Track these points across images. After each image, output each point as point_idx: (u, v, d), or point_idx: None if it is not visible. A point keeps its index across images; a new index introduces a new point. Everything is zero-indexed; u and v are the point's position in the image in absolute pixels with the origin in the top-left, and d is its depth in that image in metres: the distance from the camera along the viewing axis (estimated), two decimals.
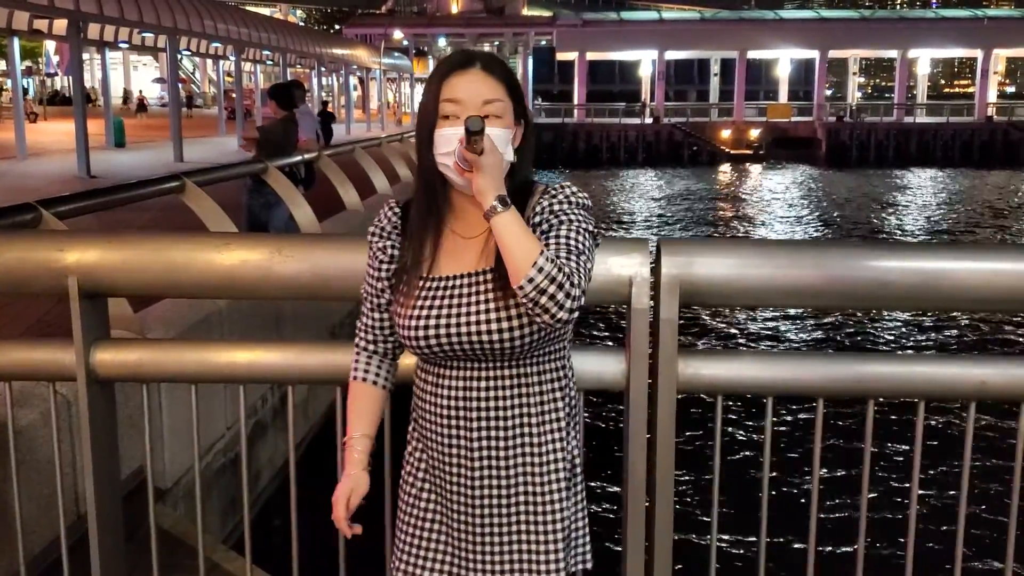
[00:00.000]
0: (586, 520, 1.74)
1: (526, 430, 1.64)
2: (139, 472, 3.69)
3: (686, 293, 1.93)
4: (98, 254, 2.09)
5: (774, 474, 7.12)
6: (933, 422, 8.25)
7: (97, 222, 5.67)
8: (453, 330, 1.59)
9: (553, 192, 1.64)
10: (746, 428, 8.45)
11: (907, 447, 7.71)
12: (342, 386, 2.14)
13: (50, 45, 35.52)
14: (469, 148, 1.51)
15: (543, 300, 1.46)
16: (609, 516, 5.95)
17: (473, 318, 1.58)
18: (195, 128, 28.23)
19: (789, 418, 8.64)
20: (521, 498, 1.65)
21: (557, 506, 1.65)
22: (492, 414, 1.63)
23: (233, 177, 7.05)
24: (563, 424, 1.67)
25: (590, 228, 1.61)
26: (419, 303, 1.63)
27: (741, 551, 5.89)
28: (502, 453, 1.64)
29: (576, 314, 1.50)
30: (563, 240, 1.56)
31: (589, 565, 1.74)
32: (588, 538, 1.74)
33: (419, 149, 1.65)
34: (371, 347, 1.77)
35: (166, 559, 2.37)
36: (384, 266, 1.71)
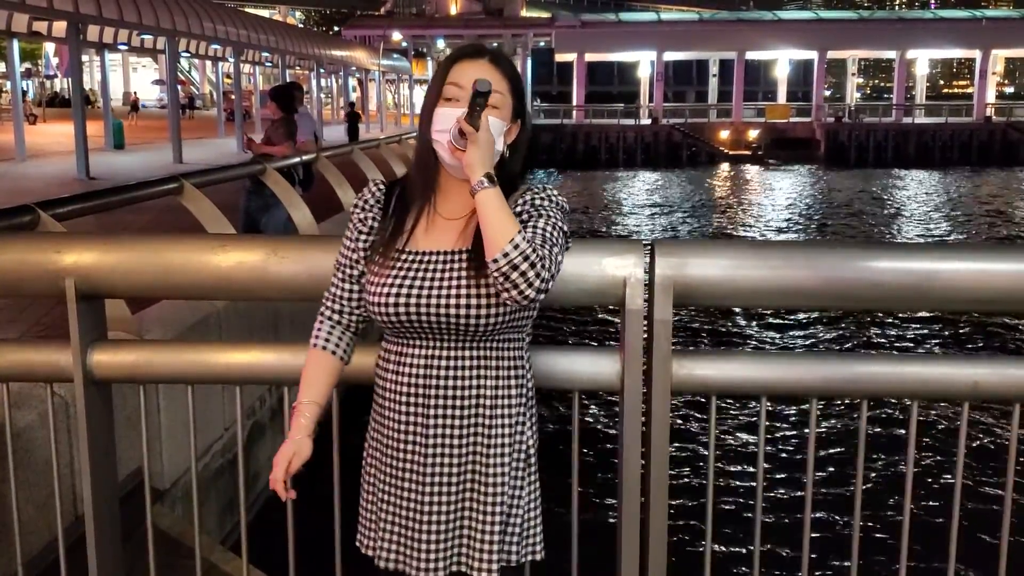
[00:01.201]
0: (539, 512, 1.79)
1: (481, 411, 1.70)
2: (137, 473, 3.69)
3: (680, 294, 1.94)
4: (95, 256, 2.10)
5: (768, 473, 7.13)
6: (926, 421, 8.26)
7: (96, 223, 5.68)
8: (424, 302, 1.64)
9: (536, 190, 1.73)
10: (740, 428, 8.46)
11: (902, 447, 7.72)
12: (337, 388, 2.15)
13: (49, 47, 35.55)
14: (468, 118, 1.59)
15: (514, 275, 1.53)
16: (604, 516, 5.95)
17: (444, 292, 1.64)
18: (195, 130, 28.23)
19: (783, 418, 8.65)
20: (469, 476, 1.71)
21: (499, 489, 1.70)
22: (450, 392, 1.69)
23: (231, 179, 7.06)
24: (515, 412, 1.73)
25: (564, 228, 1.70)
26: (393, 274, 1.69)
27: (736, 550, 5.89)
28: (456, 432, 1.69)
29: (543, 296, 1.57)
30: (539, 231, 1.64)
31: (540, 556, 1.79)
32: (540, 529, 1.79)
33: (420, 126, 1.73)
34: (336, 317, 1.82)
35: (164, 560, 2.38)
36: (363, 237, 1.77)
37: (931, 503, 6.60)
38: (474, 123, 1.59)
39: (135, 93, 44.81)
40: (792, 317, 13.00)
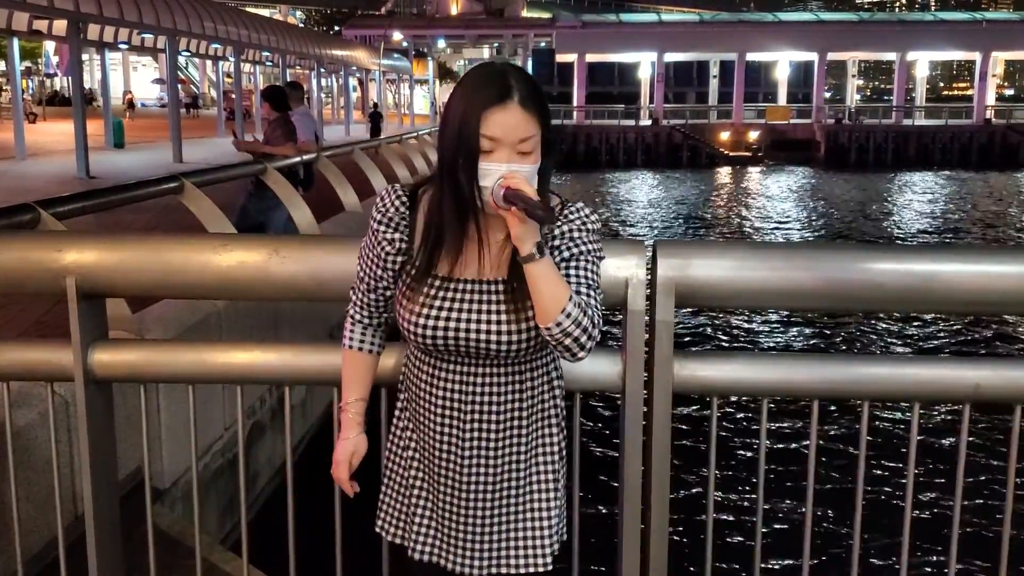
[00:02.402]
0: (563, 500, 1.84)
1: (516, 423, 1.73)
2: (137, 472, 3.69)
3: (682, 295, 1.94)
4: (96, 255, 2.10)
5: (769, 474, 7.13)
6: (928, 424, 8.26)
7: (96, 223, 5.68)
8: (462, 333, 1.65)
9: (569, 216, 1.69)
10: (742, 429, 8.46)
11: (902, 449, 7.71)
12: (339, 387, 2.15)
13: (50, 46, 35.51)
14: (522, 209, 1.53)
15: (567, 342, 1.58)
16: (605, 517, 5.95)
17: (484, 325, 1.65)
18: (197, 129, 28.24)
19: (784, 419, 8.65)
20: (512, 484, 1.75)
21: (546, 495, 1.77)
22: (486, 408, 1.71)
23: (232, 178, 7.05)
24: (551, 415, 1.78)
25: (601, 255, 1.70)
26: (428, 300, 1.68)
27: (737, 551, 5.89)
28: (492, 444, 1.72)
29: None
30: (583, 275, 1.65)
31: (565, 537, 1.85)
32: (564, 513, 1.85)
33: (457, 170, 1.60)
34: (366, 320, 1.85)
35: (164, 559, 2.38)
36: (391, 258, 1.73)
37: (933, 505, 6.59)
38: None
39: (130, 92, 44.88)
40: (794, 318, 12.99)
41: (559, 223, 1.69)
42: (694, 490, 6.92)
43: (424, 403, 1.75)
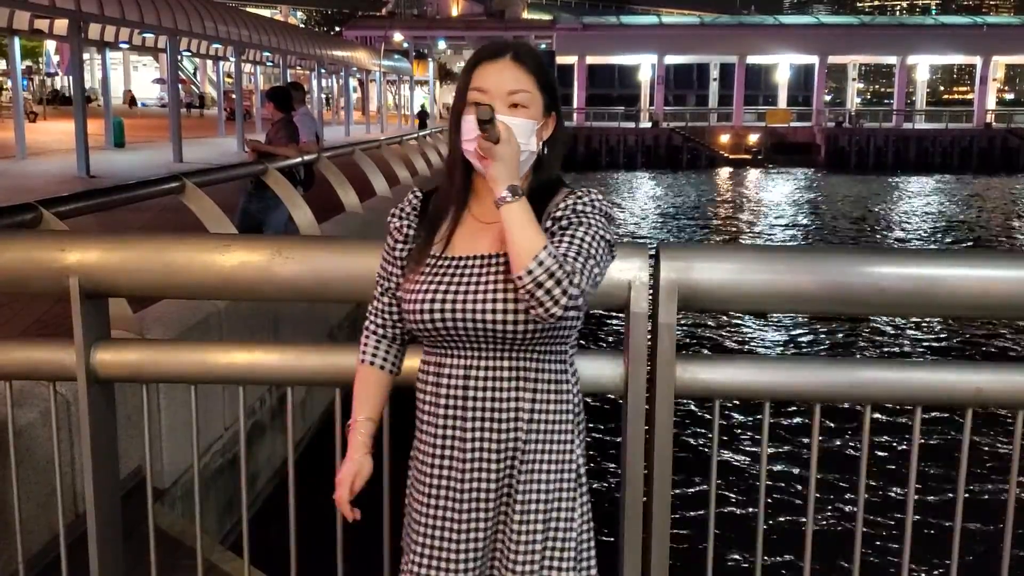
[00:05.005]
0: (592, 533, 1.71)
1: (520, 425, 1.63)
2: (138, 472, 3.69)
3: (684, 298, 1.94)
4: (99, 254, 2.10)
5: (771, 478, 7.13)
6: (929, 428, 8.26)
7: (95, 222, 5.67)
8: (459, 307, 1.58)
9: (580, 194, 1.65)
10: (744, 431, 8.45)
11: (904, 452, 7.71)
12: (341, 388, 2.15)
13: (50, 45, 35.52)
14: (483, 136, 1.54)
15: (539, 293, 1.47)
16: (607, 519, 5.95)
17: (480, 297, 1.58)
18: (200, 128, 28.26)
19: (786, 422, 8.65)
20: (505, 496, 1.64)
21: (537, 507, 1.64)
22: (489, 404, 1.62)
23: (232, 178, 7.04)
24: (556, 428, 1.66)
25: (607, 236, 1.61)
26: (427, 279, 1.63)
27: (738, 554, 5.89)
28: (493, 447, 1.62)
29: (571, 312, 1.51)
30: (576, 240, 1.56)
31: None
32: (593, 552, 1.71)
33: (450, 133, 1.68)
34: (380, 331, 1.77)
35: (164, 559, 2.38)
36: (399, 246, 1.73)
37: (934, 509, 6.59)
38: (491, 137, 1.53)
39: (131, 91, 45.05)
40: (797, 320, 12.99)
41: (567, 199, 1.63)
42: (696, 493, 6.92)
43: (429, 406, 1.66)
